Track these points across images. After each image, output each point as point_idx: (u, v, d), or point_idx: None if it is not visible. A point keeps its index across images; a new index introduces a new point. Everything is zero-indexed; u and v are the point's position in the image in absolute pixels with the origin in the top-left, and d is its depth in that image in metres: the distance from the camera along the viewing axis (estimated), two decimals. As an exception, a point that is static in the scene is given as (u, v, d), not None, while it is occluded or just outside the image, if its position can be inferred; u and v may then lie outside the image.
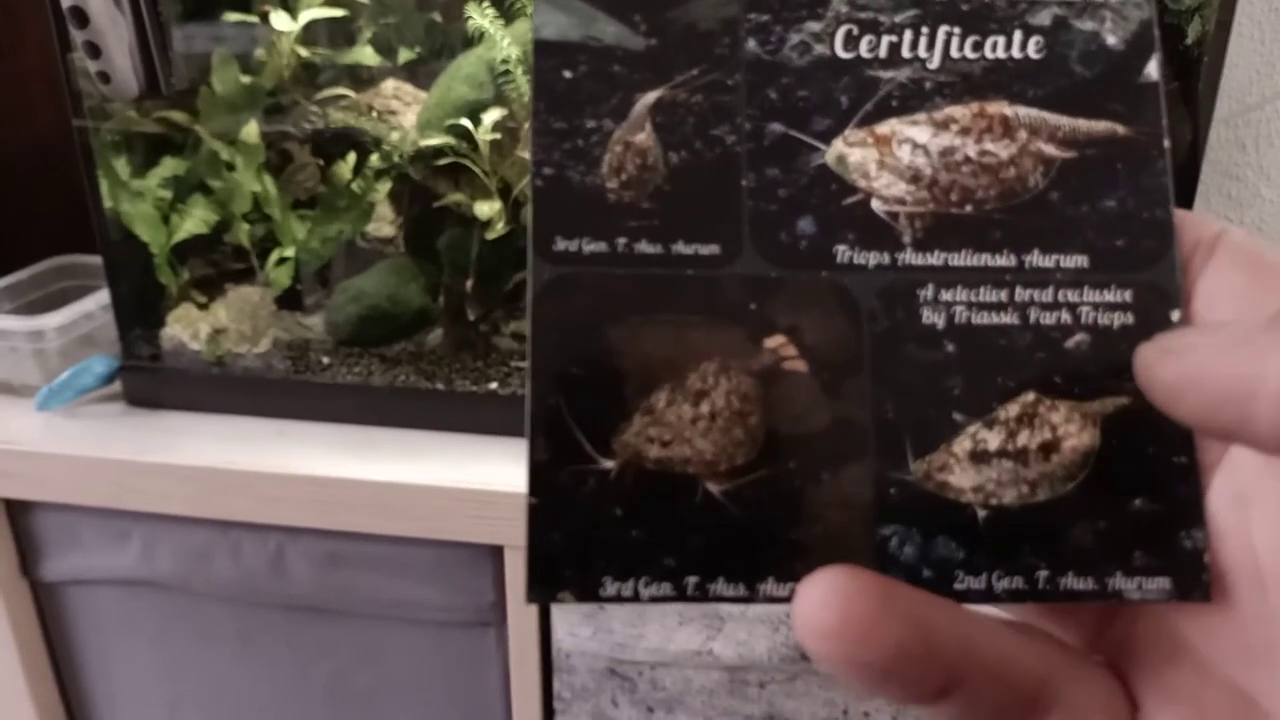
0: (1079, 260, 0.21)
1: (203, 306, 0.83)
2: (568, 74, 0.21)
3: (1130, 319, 0.20)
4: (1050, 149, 0.21)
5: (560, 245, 0.20)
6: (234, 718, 0.86)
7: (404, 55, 0.80)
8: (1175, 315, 0.20)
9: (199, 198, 0.80)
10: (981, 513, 0.20)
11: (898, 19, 0.21)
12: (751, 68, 0.21)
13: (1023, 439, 0.20)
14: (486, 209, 0.75)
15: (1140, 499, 0.20)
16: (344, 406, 0.78)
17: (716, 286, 0.20)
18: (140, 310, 0.82)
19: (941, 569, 0.20)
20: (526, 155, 0.74)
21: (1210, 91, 0.65)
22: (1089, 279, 0.21)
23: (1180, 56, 0.64)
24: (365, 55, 0.80)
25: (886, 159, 0.21)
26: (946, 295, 0.20)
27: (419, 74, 0.79)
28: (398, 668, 0.80)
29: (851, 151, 0.21)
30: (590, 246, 0.20)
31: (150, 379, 0.81)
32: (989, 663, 0.18)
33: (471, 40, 0.73)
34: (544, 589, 0.19)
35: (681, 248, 0.20)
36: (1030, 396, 0.20)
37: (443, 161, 0.75)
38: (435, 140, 0.75)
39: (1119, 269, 0.20)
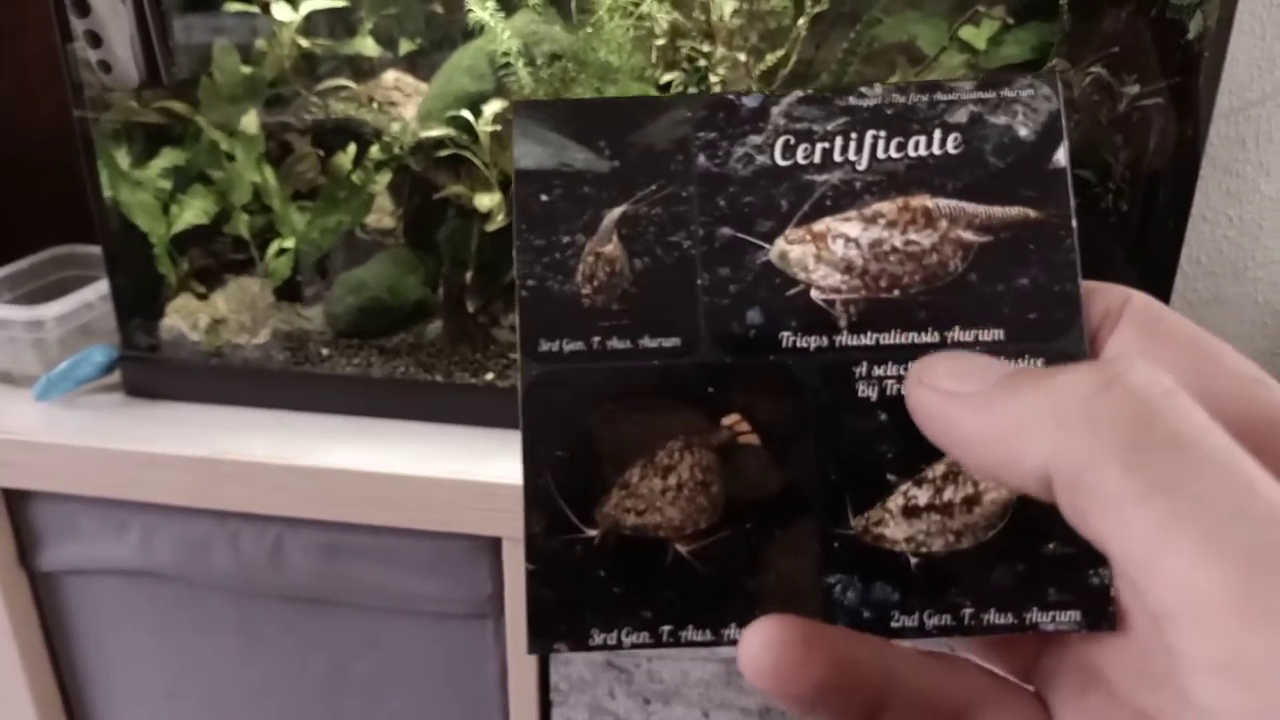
0: (996, 334, 0.23)
1: (202, 297, 0.83)
2: (544, 197, 0.24)
3: None
4: (968, 235, 0.23)
5: (544, 346, 0.23)
6: (232, 708, 0.86)
7: (405, 46, 0.80)
8: None
9: (199, 188, 0.80)
10: (913, 560, 0.23)
11: (829, 127, 0.24)
12: (702, 180, 0.24)
13: (948, 494, 0.23)
14: (486, 201, 0.75)
15: (1053, 543, 0.23)
16: (343, 398, 0.78)
17: (679, 374, 0.23)
18: (139, 300, 0.82)
19: (879, 610, 0.23)
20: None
21: (1211, 87, 0.65)
22: (1005, 350, 0.23)
23: (1181, 52, 0.64)
24: (366, 46, 0.79)
25: (823, 253, 0.23)
26: (878, 371, 0.23)
27: (420, 65, 0.79)
28: (396, 659, 0.80)
29: (792, 248, 0.23)
30: (570, 346, 0.23)
31: (149, 369, 0.81)
32: (912, 690, 0.21)
33: (472, 32, 0.73)
34: (542, 641, 0.23)
35: (648, 342, 0.23)
36: None
37: (443, 153, 0.75)
38: (436, 132, 0.74)
39: (1032, 339, 0.23)
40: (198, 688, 0.86)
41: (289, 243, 0.81)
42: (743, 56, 0.73)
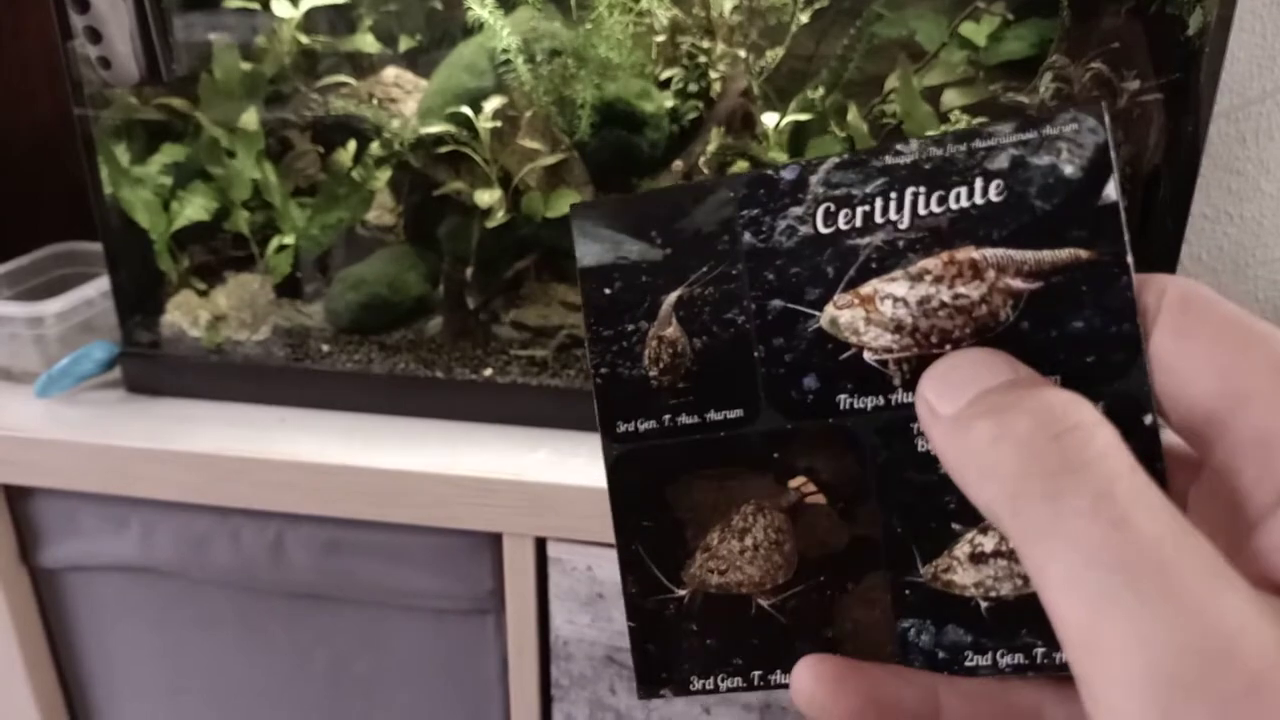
0: (1052, 380, 0.22)
1: (202, 293, 0.83)
2: (607, 290, 0.25)
3: None
4: (1017, 283, 0.23)
5: (621, 428, 0.25)
6: (234, 704, 0.87)
7: (405, 43, 0.80)
8: (1148, 419, 0.22)
9: (199, 185, 0.80)
10: (984, 604, 0.24)
11: (868, 189, 0.24)
12: (749, 256, 0.24)
13: None
14: (486, 197, 0.75)
15: None
16: (343, 394, 0.78)
17: (745, 443, 0.25)
18: (140, 297, 0.82)
19: (953, 651, 0.24)
20: (526, 144, 0.74)
21: (1211, 85, 0.65)
22: None
23: (1181, 49, 0.64)
24: (366, 43, 0.80)
25: (872, 315, 0.24)
26: None
27: (420, 62, 0.79)
28: (397, 655, 0.80)
29: (841, 314, 0.24)
30: (644, 425, 0.25)
31: (150, 366, 0.81)
32: (967, 712, 0.23)
33: (472, 29, 0.73)
34: (649, 687, 0.26)
35: (714, 415, 0.25)
36: None
37: (443, 149, 0.75)
38: (435, 128, 0.75)
39: (1091, 383, 0.22)
40: (199, 683, 0.86)
41: (289, 239, 0.81)
42: (743, 53, 0.73)
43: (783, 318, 0.24)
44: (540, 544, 0.71)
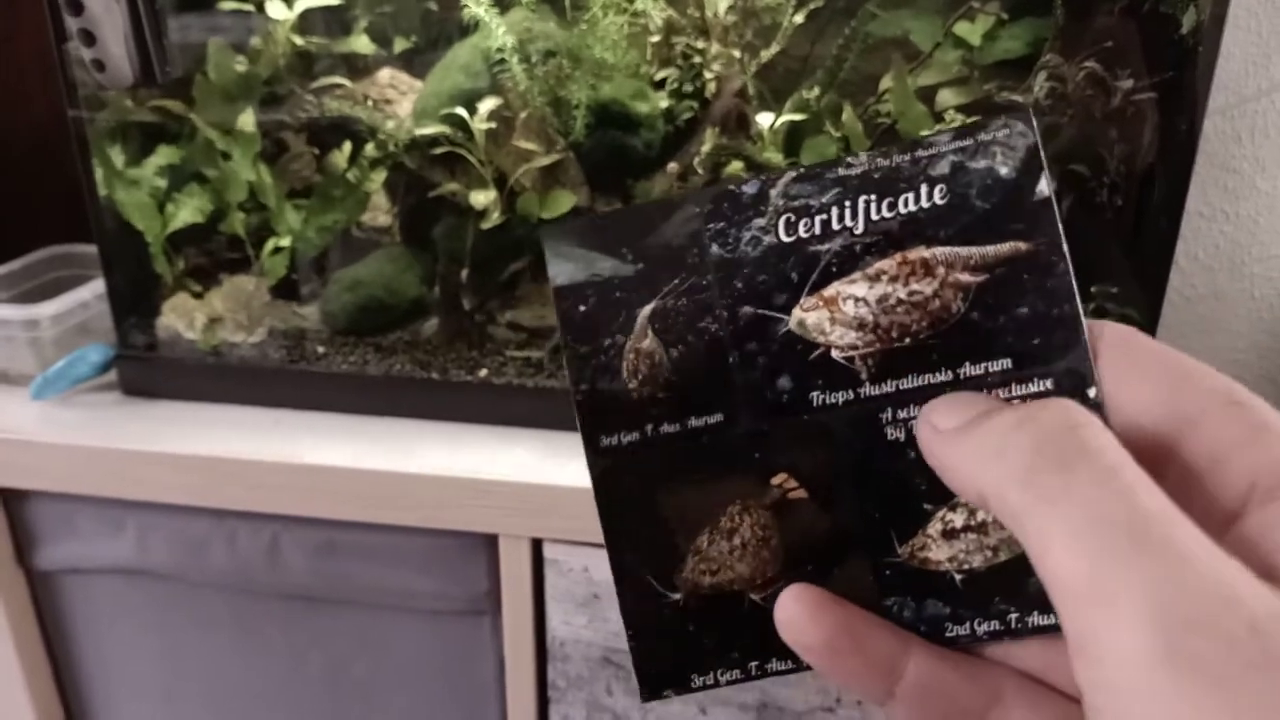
0: (1004, 363, 0.25)
1: (198, 296, 0.83)
2: (582, 307, 0.26)
3: None
4: (965, 277, 0.25)
5: (605, 442, 0.26)
6: (230, 706, 0.86)
7: (400, 44, 0.80)
8: (1092, 392, 0.24)
9: (194, 187, 0.80)
10: (958, 576, 0.25)
11: (824, 199, 0.25)
12: (718, 267, 0.26)
13: (981, 515, 0.25)
14: (482, 198, 0.75)
15: None
16: (339, 396, 0.78)
17: (727, 445, 0.26)
18: (135, 299, 0.82)
19: (933, 624, 0.25)
20: (522, 145, 0.74)
21: (1205, 83, 0.65)
22: (1015, 377, 0.25)
23: (1175, 47, 0.64)
24: (361, 44, 0.79)
25: (836, 315, 0.25)
26: (902, 414, 0.25)
27: (415, 63, 0.79)
28: (393, 656, 0.80)
29: (808, 316, 0.25)
30: (627, 437, 0.26)
31: (145, 368, 0.81)
32: (927, 673, 0.24)
33: (467, 29, 0.73)
34: (652, 691, 0.27)
35: (694, 421, 0.26)
36: None
37: (438, 151, 0.75)
38: (430, 129, 0.74)
39: (1038, 363, 0.24)
40: (195, 685, 0.86)
41: (285, 241, 0.81)
42: (737, 53, 0.73)
43: (754, 323, 0.25)
44: (536, 545, 0.71)
